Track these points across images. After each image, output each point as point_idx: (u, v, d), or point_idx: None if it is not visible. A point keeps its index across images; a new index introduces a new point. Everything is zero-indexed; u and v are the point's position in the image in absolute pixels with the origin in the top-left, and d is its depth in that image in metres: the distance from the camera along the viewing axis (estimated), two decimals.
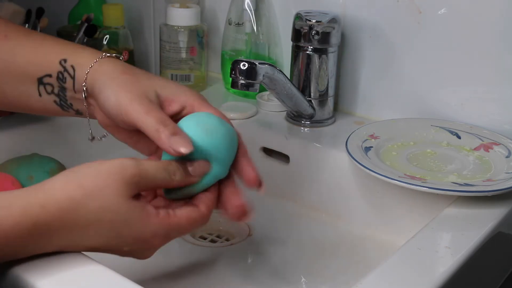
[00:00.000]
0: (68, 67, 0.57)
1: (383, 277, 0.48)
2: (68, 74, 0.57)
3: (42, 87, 0.58)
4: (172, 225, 0.49)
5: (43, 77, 0.58)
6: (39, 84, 0.58)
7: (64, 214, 0.46)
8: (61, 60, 0.57)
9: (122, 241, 0.48)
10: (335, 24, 0.76)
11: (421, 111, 0.77)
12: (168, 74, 0.89)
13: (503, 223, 0.58)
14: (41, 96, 0.59)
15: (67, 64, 0.57)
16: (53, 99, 0.59)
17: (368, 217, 0.71)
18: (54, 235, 0.46)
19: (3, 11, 1.02)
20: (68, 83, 0.57)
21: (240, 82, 0.69)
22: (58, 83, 0.58)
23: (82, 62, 0.57)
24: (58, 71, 0.57)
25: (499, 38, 0.70)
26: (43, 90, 0.58)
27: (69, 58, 0.57)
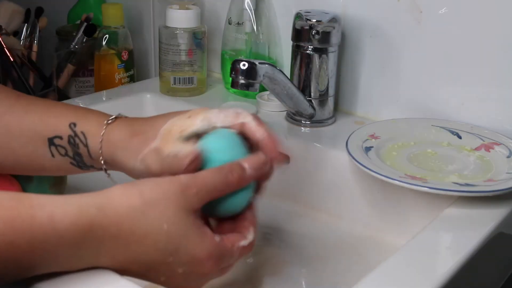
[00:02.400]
0: (79, 134, 0.57)
1: (383, 277, 0.48)
2: (80, 141, 0.57)
3: (54, 148, 0.58)
4: (225, 250, 0.48)
5: (53, 138, 0.58)
6: (50, 144, 0.58)
7: (122, 220, 0.44)
8: (71, 123, 0.58)
9: (178, 259, 0.46)
10: (336, 23, 0.76)
11: (421, 111, 0.77)
12: (169, 77, 0.89)
13: (504, 223, 0.58)
14: (54, 157, 0.58)
15: (77, 129, 0.57)
16: (69, 161, 0.58)
17: (368, 217, 0.71)
18: (109, 244, 0.44)
19: (3, 10, 1.02)
20: (82, 150, 0.58)
21: (240, 82, 0.69)
22: (71, 148, 0.58)
23: (92, 131, 0.57)
24: (69, 135, 0.57)
25: (499, 38, 0.70)
26: (56, 152, 0.58)
27: (78, 123, 0.58)
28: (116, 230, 0.44)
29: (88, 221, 0.43)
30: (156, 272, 0.47)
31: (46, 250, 0.42)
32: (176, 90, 0.90)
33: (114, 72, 0.97)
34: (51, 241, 0.42)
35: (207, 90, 0.93)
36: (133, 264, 0.45)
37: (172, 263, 0.46)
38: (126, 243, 0.44)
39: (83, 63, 1.01)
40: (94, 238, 0.43)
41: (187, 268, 0.47)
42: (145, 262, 0.46)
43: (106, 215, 0.44)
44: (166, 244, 0.45)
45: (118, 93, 0.91)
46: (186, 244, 0.46)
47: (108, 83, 0.97)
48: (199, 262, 0.47)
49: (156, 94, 0.91)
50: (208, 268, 0.48)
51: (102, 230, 0.43)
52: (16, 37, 1.03)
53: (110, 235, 0.44)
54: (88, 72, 1.02)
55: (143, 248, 0.45)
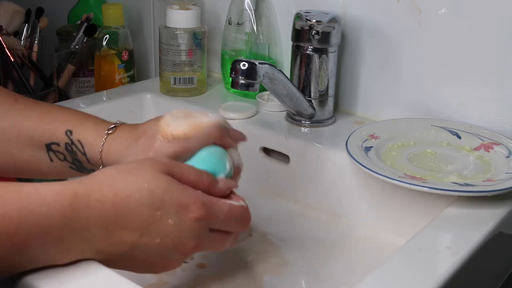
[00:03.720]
0: (76, 142, 0.58)
1: (383, 277, 0.48)
2: (77, 149, 0.58)
3: (52, 154, 0.58)
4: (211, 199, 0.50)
5: (50, 144, 0.58)
6: (48, 150, 0.58)
7: (103, 186, 0.46)
8: (67, 131, 0.58)
9: (165, 211, 0.47)
10: (335, 24, 0.76)
11: (421, 111, 0.77)
12: (170, 77, 0.89)
13: (503, 223, 0.58)
14: (53, 162, 0.59)
15: (73, 137, 0.58)
16: (68, 165, 0.59)
17: (368, 217, 0.71)
18: (96, 209, 0.45)
19: (3, 11, 1.02)
20: (80, 157, 0.58)
21: (240, 82, 0.69)
22: (69, 154, 0.58)
23: (89, 140, 0.58)
24: (66, 142, 0.58)
25: (499, 38, 0.70)
26: (54, 157, 0.58)
27: (74, 131, 0.58)
28: (99, 195, 0.46)
29: (71, 191, 0.45)
30: (149, 233, 0.47)
31: (36, 222, 0.43)
32: (176, 90, 0.90)
33: (114, 72, 0.97)
34: (39, 211, 0.43)
35: (207, 90, 0.93)
36: (126, 230, 0.46)
37: (162, 217, 0.47)
38: (111, 205, 0.46)
39: (84, 63, 1.01)
40: (81, 205, 0.45)
41: (177, 219, 0.47)
42: (136, 225, 0.46)
43: (86, 184, 0.46)
44: (151, 198, 0.47)
45: (118, 93, 0.91)
46: (169, 194, 0.47)
47: (108, 83, 0.97)
48: (186, 208, 0.48)
49: (156, 94, 0.91)
50: (197, 212, 0.48)
51: (86, 196, 0.45)
52: (16, 37, 1.03)
53: (95, 199, 0.45)
54: (89, 72, 1.02)
55: (129, 208, 0.46)
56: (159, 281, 0.60)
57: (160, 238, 0.47)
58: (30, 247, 0.43)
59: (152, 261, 0.49)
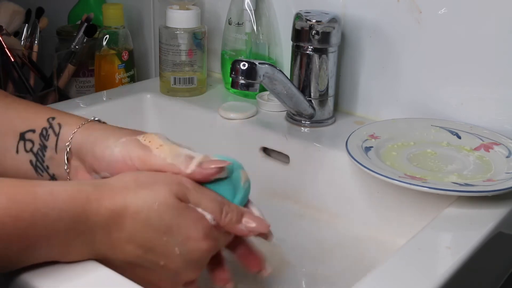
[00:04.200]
0: (55, 125, 0.56)
1: (383, 277, 0.48)
2: (52, 131, 0.56)
3: (22, 143, 0.56)
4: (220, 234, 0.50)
5: (26, 132, 0.56)
6: (20, 139, 0.56)
7: (116, 195, 0.46)
8: (50, 117, 0.56)
9: (172, 238, 0.47)
10: (335, 24, 0.76)
11: (421, 111, 0.77)
12: (170, 77, 0.89)
13: (503, 223, 0.58)
14: (18, 153, 0.56)
15: (54, 122, 0.56)
16: (29, 158, 0.56)
17: (368, 217, 0.71)
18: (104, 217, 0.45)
19: (3, 11, 1.02)
20: (50, 141, 0.56)
21: (240, 82, 0.69)
22: (40, 140, 0.56)
23: (70, 122, 0.56)
24: (43, 127, 0.56)
25: (499, 38, 0.70)
26: (22, 147, 0.56)
27: (58, 117, 0.56)
28: (110, 203, 0.46)
29: (85, 196, 0.45)
30: (153, 253, 0.47)
31: (47, 225, 0.43)
32: (176, 90, 0.90)
33: (115, 72, 0.97)
34: (52, 214, 0.43)
35: (207, 90, 0.93)
36: (129, 244, 0.46)
37: (167, 243, 0.47)
38: (119, 217, 0.46)
39: (84, 63, 1.01)
40: (91, 210, 0.45)
41: (183, 249, 0.47)
42: (140, 242, 0.46)
43: (101, 191, 0.46)
44: (158, 221, 0.46)
45: (118, 93, 0.91)
46: (178, 223, 0.47)
47: (109, 83, 0.97)
48: (195, 242, 0.47)
49: (156, 94, 0.91)
50: (206, 248, 0.48)
51: (97, 203, 0.45)
52: (16, 37, 1.03)
53: (105, 208, 0.45)
54: (89, 72, 1.02)
55: (136, 224, 0.46)
56: None
57: (164, 262, 0.47)
58: (37, 248, 0.44)
59: (150, 279, 0.49)
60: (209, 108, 0.85)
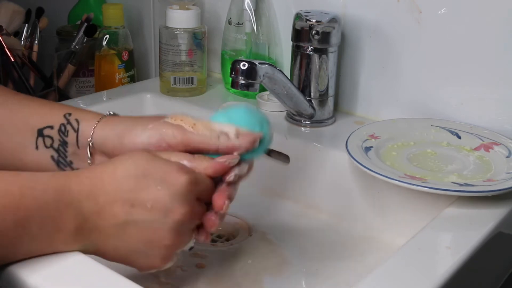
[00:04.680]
0: (72, 120, 0.57)
1: (383, 277, 0.48)
2: (71, 127, 0.57)
3: (40, 139, 0.57)
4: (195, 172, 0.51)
5: (44, 128, 0.57)
6: (39, 135, 0.57)
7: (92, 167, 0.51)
8: (66, 113, 0.58)
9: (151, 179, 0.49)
10: (335, 24, 0.76)
11: (421, 111, 0.77)
12: (170, 77, 0.89)
13: (503, 223, 0.58)
14: (38, 149, 0.57)
15: (71, 118, 0.57)
16: (50, 154, 0.57)
17: (368, 217, 0.71)
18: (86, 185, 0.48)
19: (3, 11, 1.02)
20: (70, 137, 0.57)
21: (240, 82, 0.69)
22: (60, 136, 0.57)
23: (87, 118, 0.57)
24: (61, 123, 0.57)
25: (499, 38, 0.70)
26: (41, 143, 0.57)
27: (74, 113, 0.58)
28: (88, 172, 0.49)
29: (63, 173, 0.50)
30: (139, 202, 0.48)
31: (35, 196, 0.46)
32: (176, 90, 0.90)
33: (115, 72, 0.97)
34: (37, 187, 0.46)
35: (207, 90, 0.93)
36: (116, 203, 0.48)
37: (149, 185, 0.49)
38: (100, 179, 0.49)
39: (84, 63, 1.01)
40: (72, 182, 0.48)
41: (165, 185, 0.49)
42: (125, 196, 0.48)
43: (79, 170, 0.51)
44: (135, 168, 0.49)
45: (118, 93, 0.91)
46: (153, 164, 0.50)
47: (109, 83, 0.97)
48: (172, 175, 0.49)
49: (156, 94, 0.91)
50: (184, 177, 0.49)
51: (76, 175, 0.49)
52: (16, 37, 1.03)
53: (85, 176, 0.49)
54: (89, 72, 1.02)
55: (116, 179, 0.49)
56: (158, 281, 0.60)
57: (151, 204, 0.48)
58: (31, 222, 0.45)
59: (147, 237, 0.49)
60: (209, 108, 0.85)
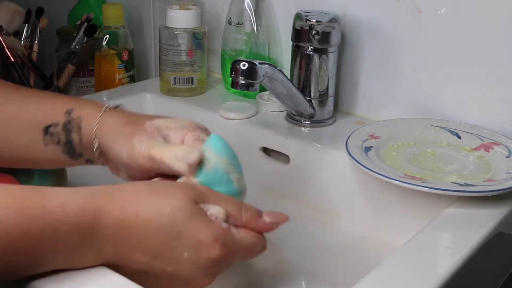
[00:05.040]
0: (75, 118, 0.58)
1: (383, 277, 0.48)
2: (75, 125, 0.57)
3: (48, 137, 0.58)
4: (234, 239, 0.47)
5: (49, 126, 0.58)
6: (45, 134, 0.58)
7: (127, 203, 0.45)
8: (68, 110, 0.58)
9: (181, 243, 0.45)
10: (335, 24, 0.76)
11: (421, 111, 0.77)
12: (170, 77, 0.89)
13: (503, 223, 0.58)
14: (47, 147, 0.58)
15: (73, 115, 0.58)
16: (61, 150, 0.58)
17: (368, 217, 0.71)
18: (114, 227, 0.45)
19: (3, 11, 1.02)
20: (74, 135, 0.58)
21: (240, 82, 0.69)
22: (65, 134, 0.58)
23: (88, 115, 0.57)
24: (65, 121, 0.58)
25: (499, 38, 0.70)
26: (49, 141, 0.58)
27: (76, 109, 0.58)
28: (120, 213, 0.45)
29: (96, 207, 0.44)
30: (161, 259, 0.46)
31: (56, 241, 0.43)
32: (176, 90, 0.90)
33: (115, 72, 0.97)
34: (61, 229, 0.43)
35: (207, 90, 0.93)
36: (137, 251, 0.45)
37: (176, 248, 0.45)
38: (129, 226, 0.45)
39: (84, 63, 1.01)
40: (101, 224, 0.44)
41: (192, 253, 0.45)
42: (148, 248, 0.45)
43: (113, 199, 0.45)
44: (169, 226, 0.45)
45: (118, 93, 0.91)
46: (190, 227, 0.45)
47: (109, 83, 0.97)
48: (204, 246, 0.46)
49: (156, 94, 0.91)
50: (215, 253, 0.46)
51: (107, 215, 0.44)
52: (16, 37, 1.03)
53: (115, 217, 0.45)
54: (89, 72, 1.02)
55: (146, 231, 0.45)
56: None
57: (172, 268, 0.46)
58: (44, 260, 0.43)
59: (162, 285, 0.48)
60: (209, 108, 0.85)
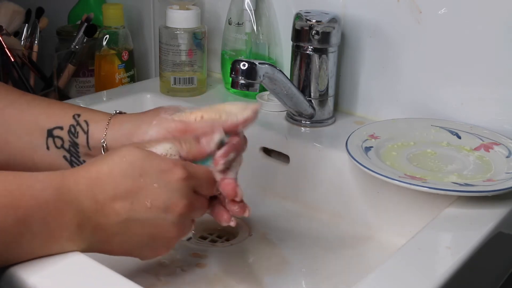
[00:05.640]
0: (81, 122, 0.58)
1: (383, 277, 0.48)
2: (80, 128, 0.58)
3: (51, 140, 0.58)
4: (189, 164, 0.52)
5: (53, 129, 0.58)
6: (48, 136, 0.58)
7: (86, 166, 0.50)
8: (75, 114, 0.58)
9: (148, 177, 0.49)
10: (335, 24, 0.76)
11: (421, 111, 0.77)
12: (170, 77, 0.89)
13: (503, 223, 0.58)
14: (49, 149, 0.58)
15: (80, 119, 0.58)
16: (62, 154, 0.58)
17: (368, 217, 0.71)
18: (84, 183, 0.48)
19: (3, 11, 1.02)
20: (80, 139, 0.58)
21: (240, 82, 0.69)
22: (69, 137, 0.58)
23: (96, 119, 0.58)
24: (71, 124, 0.58)
25: (499, 38, 0.70)
26: (52, 143, 0.58)
27: (83, 114, 0.59)
28: (84, 172, 0.49)
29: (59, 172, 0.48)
30: (138, 200, 0.49)
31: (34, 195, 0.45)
32: (176, 90, 0.90)
33: (115, 72, 0.97)
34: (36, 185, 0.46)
35: (207, 90, 0.93)
36: (116, 201, 0.48)
37: (146, 183, 0.49)
38: (98, 180, 0.48)
39: (84, 63, 1.01)
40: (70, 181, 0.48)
41: (161, 182, 0.49)
42: (124, 194, 0.49)
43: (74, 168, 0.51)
44: (131, 168, 0.49)
45: (118, 93, 0.91)
46: (149, 162, 0.50)
47: (109, 83, 0.97)
48: (168, 171, 0.50)
49: (156, 94, 0.91)
50: (179, 173, 0.50)
51: (72, 174, 0.48)
52: (16, 37, 1.03)
53: (81, 176, 0.48)
54: (89, 72, 1.02)
55: (113, 179, 0.49)
56: (158, 281, 0.60)
57: (150, 202, 0.49)
58: (32, 220, 0.45)
59: (151, 232, 0.50)
60: None
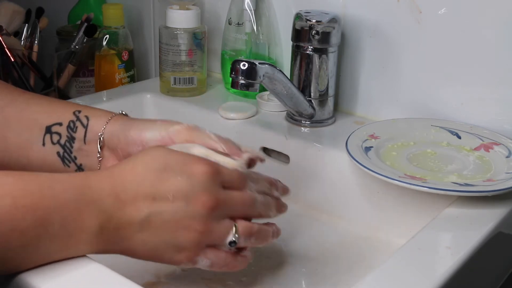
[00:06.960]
0: (82, 117, 0.58)
1: (383, 278, 0.48)
2: (80, 123, 0.58)
3: (48, 136, 0.58)
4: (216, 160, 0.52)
5: (52, 125, 0.58)
6: (46, 132, 0.58)
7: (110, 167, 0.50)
8: (76, 111, 0.58)
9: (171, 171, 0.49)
10: (335, 24, 0.76)
11: (421, 111, 0.77)
12: (170, 77, 0.89)
13: (503, 223, 0.58)
14: (45, 145, 0.58)
15: (81, 114, 0.58)
16: (56, 150, 0.58)
17: (368, 217, 0.71)
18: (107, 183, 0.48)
19: (3, 11, 1.02)
20: (78, 133, 0.58)
21: (240, 82, 0.69)
22: (68, 132, 0.58)
23: (97, 114, 0.58)
24: (70, 120, 0.58)
25: (499, 38, 0.70)
26: (49, 139, 0.58)
27: (84, 110, 0.59)
28: (107, 172, 0.49)
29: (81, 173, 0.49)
30: (160, 195, 0.48)
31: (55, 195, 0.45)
32: (176, 90, 0.90)
33: (115, 72, 0.97)
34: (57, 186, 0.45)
35: (207, 90, 0.93)
36: (138, 197, 0.48)
37: (169, 177, 0.49)
38: (120, 178, 0.48)
39: (84, 63, 1.01)
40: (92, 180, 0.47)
41: (185, 175, 0.49)
42: (146, 190, 0.48)
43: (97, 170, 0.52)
44: (155, 163, 0.49)
45: (118, 93, 0.91)
46: (172, 157, 0.50)
47: (109, 83, 0.97)
48: (192, 164, 0.50)
49: (156, 94, 0.91)
50: (204, 166, 0.50)
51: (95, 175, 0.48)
52: (16, 37, 1.03)
53: (104, 176, 0.48)
54: (89, 72, 1.02)
55: (136, 175, 0.49)
56: (158, 281, 0.60)
57: (172, 194, 0.48)
58: (51, 221, 0.44)
59: (174, 227, 0.49)
60: (209, 108, 0.85)
